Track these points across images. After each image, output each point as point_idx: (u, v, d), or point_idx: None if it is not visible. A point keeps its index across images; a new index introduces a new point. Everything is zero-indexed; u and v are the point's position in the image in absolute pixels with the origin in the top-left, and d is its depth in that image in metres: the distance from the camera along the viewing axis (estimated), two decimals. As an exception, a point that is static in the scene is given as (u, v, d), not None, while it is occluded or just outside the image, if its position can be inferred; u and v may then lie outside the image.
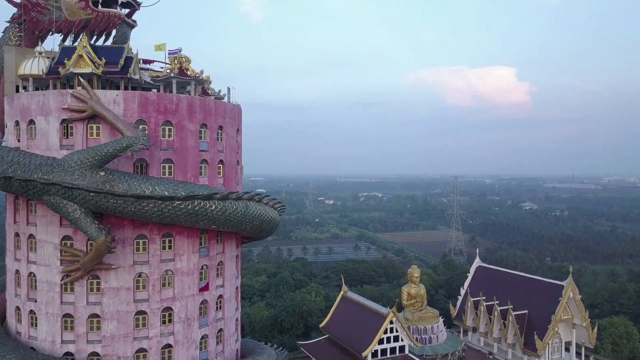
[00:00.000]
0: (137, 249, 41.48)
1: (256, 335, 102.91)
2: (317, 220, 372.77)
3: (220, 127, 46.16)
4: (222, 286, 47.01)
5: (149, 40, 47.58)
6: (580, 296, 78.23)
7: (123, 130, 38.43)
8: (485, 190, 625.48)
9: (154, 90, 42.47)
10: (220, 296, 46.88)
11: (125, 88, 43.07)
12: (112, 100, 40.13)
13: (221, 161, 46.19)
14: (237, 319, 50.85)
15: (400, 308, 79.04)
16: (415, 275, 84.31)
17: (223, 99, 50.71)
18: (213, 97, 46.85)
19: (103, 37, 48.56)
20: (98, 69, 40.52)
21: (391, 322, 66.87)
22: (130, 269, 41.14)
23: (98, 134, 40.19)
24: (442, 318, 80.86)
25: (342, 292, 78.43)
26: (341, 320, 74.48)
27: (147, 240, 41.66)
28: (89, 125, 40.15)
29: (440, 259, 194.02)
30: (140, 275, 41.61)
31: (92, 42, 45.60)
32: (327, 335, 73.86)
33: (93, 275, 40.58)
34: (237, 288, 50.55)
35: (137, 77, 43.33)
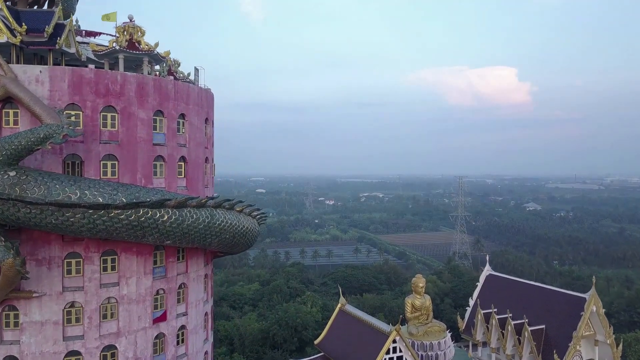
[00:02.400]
0: (68, 271, 32.08)
1: (246, 350, 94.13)
2: (316, 221, 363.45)
3: (182, 115, 36.82)
4: (185, 314, 37.63)
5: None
6: (604, 310, 70.11)
7: (42, 116, 29.13)
8: (488, 190, 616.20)
9: (92, 66, 33.15)
10: (183, 327, 37.48)
11: (59, 65, 33.82)
12: (34, 78, 30.80)
13: (183, 158, 36.86)
14: (206, 353, 41.47)
15: (404, 321, 71.08)
16: (420, 285, 75.63)
17: (194, 84, 41.50)
18: (172, 78, 37.40)
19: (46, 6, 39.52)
20: (16, 37, 31.18)
21: (394, 341, 58.60)
22: (59, 297, 31.79)
23: (16, 122, 30.81)
24: (449, 332, 72.44)
25: (339, 305, 70.10)
26: (338, 337, 66.40)
27: (81, 259, 32.28)
28: (3, 110, 30.83)
29: (444, 263, 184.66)
30: (72, 304, 32.22)
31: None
32: (322, 354, 65.78)
33: (9, 305, 31.17)
34: (206, 314, 41.19)
35: (72, 50, 34.01)
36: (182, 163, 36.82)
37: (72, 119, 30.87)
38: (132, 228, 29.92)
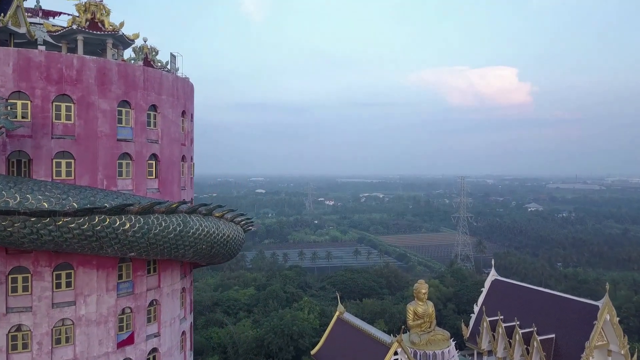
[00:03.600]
0: (14, 289, 27.27)
1: (240, 359, 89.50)
2: (316, 222, 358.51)
3: (153, 107, 32.01)
4: (158, 335, 32.78)
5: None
6: (618, 319, 65.49)
7: None
8: (488, 190, 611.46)
9: (42, 48, 28.40)
10: (154, 350, 32.61)
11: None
12: (-29, 62, 26.14)
13: (154, 156, 32.04)
14: (184, 377, 36.69)
15: (405, 328, 66.46)
16: (423, 291, 70.68)
17: (170, 72, 36.71)
18: (141, 64, 32.57)
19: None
20: (-50, 13, 26.53)
21: (395, 353, 53.90)
22: (2, 320, 26.98)
23: (-51, 113, 26.12)
24: (453, 341, 67.76)
25: (337, 313, 65.50)
26: (336, 348, 61.71)
27: (29, 275, 27.47)
28: None
29: (447, 266, 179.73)
30: (18, 328, 27.41)
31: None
32: (319, 365, 61.04)
33: (-59, 330, 26.57)
34: (184, 333, 36.33)
35: (22, 30, 29.24)
36: (153, 162, 32.02)
37: (18, 108, 26.15)
38: (85, 239, 25.13)
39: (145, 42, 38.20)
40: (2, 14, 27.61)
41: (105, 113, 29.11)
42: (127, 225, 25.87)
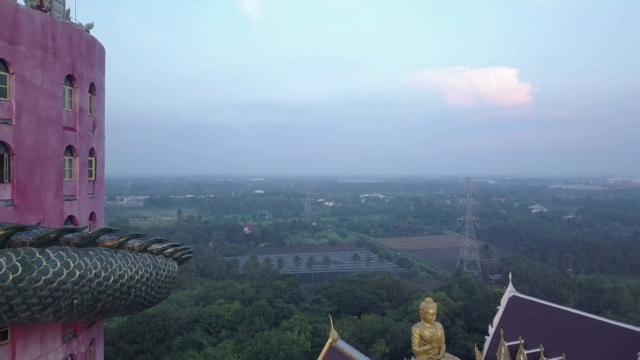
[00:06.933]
0: None
1: (219, 388, 76.92)
2: (314, 224, 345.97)
3: (2, 64, 19.14)
4: None
5: (149, 40, 22.15)
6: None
7: None
8: (490, 191, 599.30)
9: None
10: None
11: None
12: None
13: (3, 145, 19.15)
14: None
15: (408, 351, 54.64)
16: (431, 312, 58.11)
17: (87, 32, 23.90)
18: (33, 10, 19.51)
19: None
20: None
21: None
22: None
23: None
24: (466, 370, 55.47)
25: (329, 341, 52.79)
26: (327, 385, 49.26)
27: None
28: None
29: (454, 275, 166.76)
30: None
31: None
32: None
33: None
34: None
35: None
36: (3, 156, 19.09)
37: None
38: None
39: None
40: None
41: None
42: None
